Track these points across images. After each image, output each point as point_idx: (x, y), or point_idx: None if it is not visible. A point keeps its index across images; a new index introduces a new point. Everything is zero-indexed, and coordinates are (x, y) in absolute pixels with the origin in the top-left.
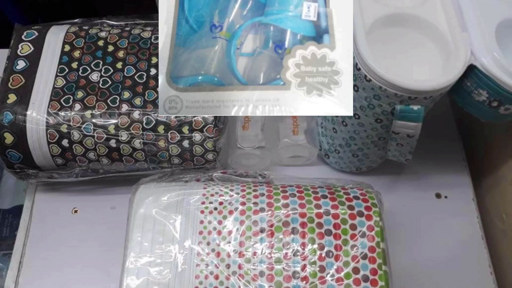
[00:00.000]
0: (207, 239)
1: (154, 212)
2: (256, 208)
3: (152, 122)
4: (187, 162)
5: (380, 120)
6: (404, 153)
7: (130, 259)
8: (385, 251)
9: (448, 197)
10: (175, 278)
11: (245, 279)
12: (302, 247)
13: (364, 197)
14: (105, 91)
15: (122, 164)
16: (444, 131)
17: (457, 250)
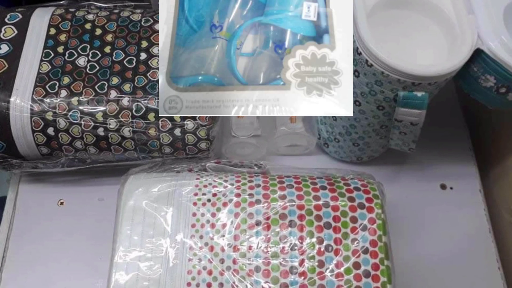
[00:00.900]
0: (200, 232)
1: (144, 204)
2: (252, 200)
3: (142, 109)
4: (179, 152)
5: (382, 107)
6: (407, 142)
7: (119, 254)
8: (387, 245)
9: (453, 188)
10: (166, 273)
11: (240, 275)
12: (300, 241)
13: (365, 188)
14: (93, 77)
15: (111, 153)
16: (450, 118)
17: (463, 244)
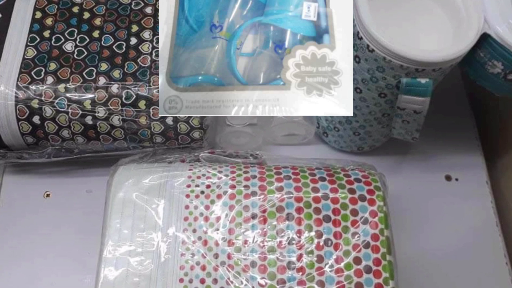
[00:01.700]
0: (193, 226)
1: (134, 196)
2: (247, 191)
3: (132, 97)
4: (170, 141)
5: (384, 95)
6: (410, 131)
7: (108, 248)
8: (389, 239)
9: (459, 180)
10: (158, 269)
11: (235, 270)
12: (298, 234)
13: (367, 179)
14: (80, 63)
15: (99, 143)
16: (455, 106)
17: (469, 238)
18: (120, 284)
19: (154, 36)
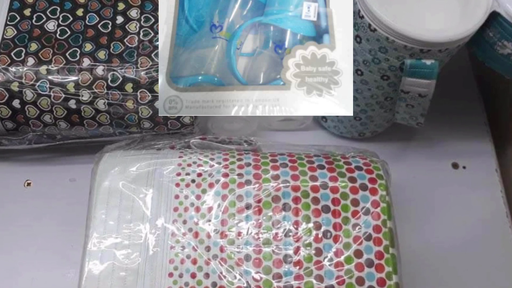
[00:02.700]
0: (183, 217)
1: (121, 185)
2: (241, 180)
3: (119, 79)
4: (159, 127)
5: (386, 77)
6: (415, 115)
7: (93, 241)
8: (392, 231)
9: (466, 168)
10: (146, 262)
11: (228, 264)
12: (295, 226)
13: (368, 167)
14: (63, 43)
15: (83, 128)
16: (462, 90)
17: (477, 230)
18: (105, 279)
19: (141, 15)
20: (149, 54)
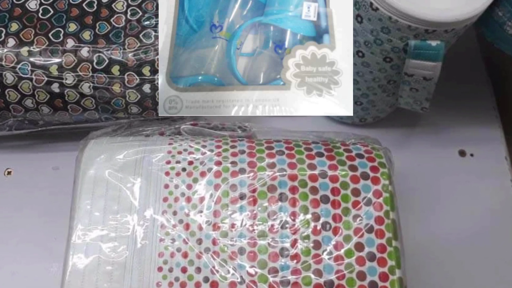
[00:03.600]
0: (173, 207)
1: (107, 173)
2: (235, 169)
3: (105, 62)
4: (148, 112)
5: (389, 59)
6: (419, 100)
7: (77, 233)
8: (395, 222)
9: (474, 155)
10: (133, 256)
11: (220, 258)
12: (292, 217)
13: (370, 155)
14: (46, 23)
15: (67, 113)
16: (470, 72)
17: (485, 221)
18: (90, 273)
19: None
20: (137, 35)
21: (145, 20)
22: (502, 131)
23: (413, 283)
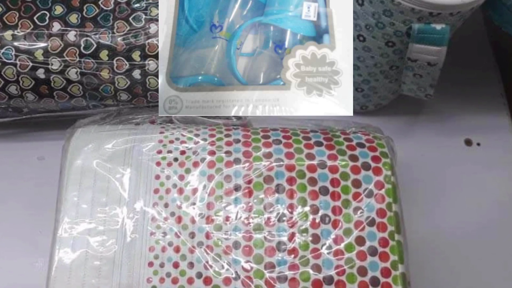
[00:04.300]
0: (164, 199)
1: (95, 164)
2: (229, 159)
3: (93, 46)
4: (138, 99)
5: (392, 44)
6: (423, 86)
7: (64, 226)
8: (398, 215)
9: (481, 145)
10: (123, 250)
11: (214, 252)
12: (290, 210)
13: (371, 144)
14: (31, 5)
15: (53, 101)
16: (476, 57)
17: (493, 214)
18: (78, 268)
19: None
20: (127, 18)
21: (135, 2)
22: (510, 119)
23: (416, 279)
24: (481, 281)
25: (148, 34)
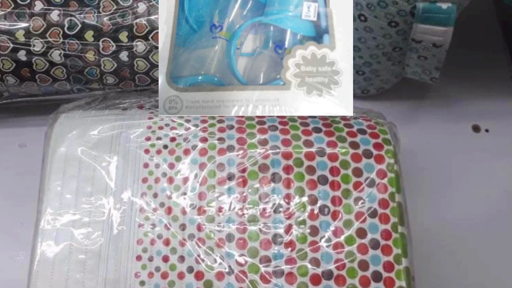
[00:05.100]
0: (153, 189)
1: (79, 151)
2: (222, 146)
3: (77, 26)
4: (125, 82)
5: (395, 24)
6: (428, 69)
7: (47, 217)
8: (402, 206)
9: (490, 131)
10: (109, 243)
11: (206, 245)
12: (287, 200)
13: (373, 130)
14: None
15: (35, 84)
16: (485, 38)
17: (502, 205)
18: (61, 262)
19: None
20: None
21: None
22: None
23: (421, 273)
24: (490, 276)
25: (136, 14)
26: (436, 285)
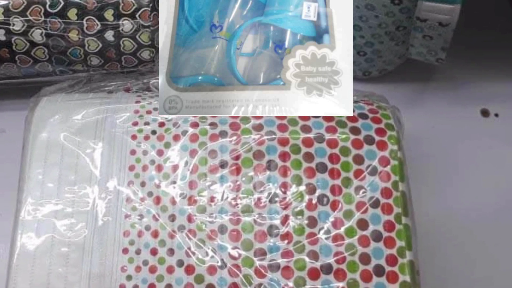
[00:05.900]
0: (141, 177)
1: (62, 137)
2: (214, 131)
3: (60, 4)
4: (111, 64)
5: (398, 1)
6: (434, 49)
7: (27, 208)
8: (405, 195)
9: (499, 115)
10: (94, 235)
11: (197, 238)
12: (283, 189)
13: (375, 115)
14: None
15: (15, 66)
16: (494, 17)
17: (511, 194)
18: (43, 255)
19: None
20: None
21: None
22: None
23: (426, 267)
24: (498, 270)
25: None
26: (442, 279)
